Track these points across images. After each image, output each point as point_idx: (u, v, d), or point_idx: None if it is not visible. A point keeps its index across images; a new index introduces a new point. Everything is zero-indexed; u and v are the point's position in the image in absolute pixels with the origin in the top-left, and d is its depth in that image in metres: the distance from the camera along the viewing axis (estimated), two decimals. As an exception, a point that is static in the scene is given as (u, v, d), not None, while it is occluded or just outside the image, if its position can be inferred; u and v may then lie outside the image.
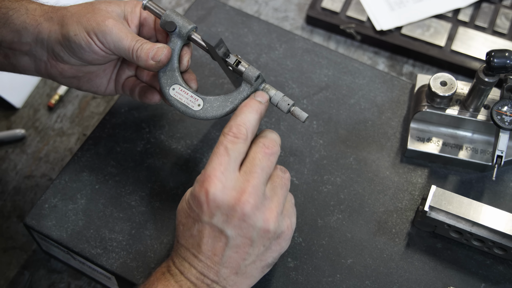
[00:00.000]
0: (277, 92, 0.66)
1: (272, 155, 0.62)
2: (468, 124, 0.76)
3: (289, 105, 0.66)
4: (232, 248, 0.60)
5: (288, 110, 0.66)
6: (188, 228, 0.61)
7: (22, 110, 0.95)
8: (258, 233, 0.60)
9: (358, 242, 0.72)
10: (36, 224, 0.71)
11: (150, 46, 0.66)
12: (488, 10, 1.01)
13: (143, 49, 0.66)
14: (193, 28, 0.68)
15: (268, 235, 0.61)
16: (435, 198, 0.69)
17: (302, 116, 0.66)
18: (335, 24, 1.01)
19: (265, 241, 0.61)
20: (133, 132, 0.78)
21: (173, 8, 1.06)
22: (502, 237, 0.69)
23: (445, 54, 0.97)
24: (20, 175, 0.89)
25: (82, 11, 0.67)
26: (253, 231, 0.60)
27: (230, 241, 0.60)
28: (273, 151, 0.62)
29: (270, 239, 0.61)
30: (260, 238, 0.61)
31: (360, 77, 0.84)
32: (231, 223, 0.59)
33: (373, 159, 0.78)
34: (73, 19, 0.67)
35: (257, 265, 0.62)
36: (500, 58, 0.67)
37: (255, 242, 0.61)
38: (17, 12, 0.69)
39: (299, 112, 0.66)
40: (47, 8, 0.69)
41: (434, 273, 0.70)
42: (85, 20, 0.66)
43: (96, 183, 0.74)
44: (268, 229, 0.60)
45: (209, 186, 0.59)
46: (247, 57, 0.85)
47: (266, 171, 0.61)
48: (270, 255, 0.63)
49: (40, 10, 0.69)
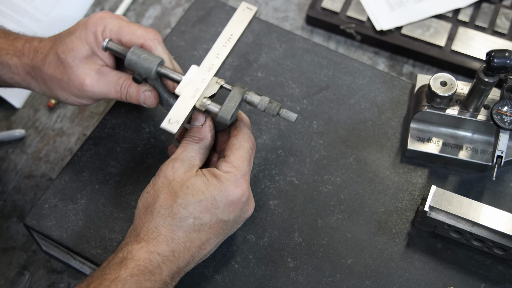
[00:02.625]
0: (263, 98, 0.66)
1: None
2: (468, 124, 0.76)
3: (277, 109, 0.66)
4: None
5: (277, 113, 0.66)
6: (201, 222, 0.63)
7: (22, 110, 0.95)
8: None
9: (358, 242, 0.72)
10: (36, 224, 0.71)
11: (136, 92, 0.70)
12: (488, 10, 1.01)
13: (131, 96, 0.70)
14: (156, 67, 0.67)
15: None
16: (435, 198, 0.69)
17: (291, 117, 0.66)
18: (335, 24, 1.01)
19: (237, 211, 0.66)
20: (133, 132, 0.78)
21: (173, 8, 1.06)
22: (502, 237, 0.69)
23: (445, 54, 0.97)
24: (20, 175, 0.89)
25: (56, 75, 0.70)
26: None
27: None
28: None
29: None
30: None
31: (360, 77, 0.84)
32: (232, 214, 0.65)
33: (373, 159, 0.78)
34: (55, 84, 0.70)
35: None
36: (500, 58, 0.67)
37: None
38: (2, 70, 0.72)
39: (288, 113, 0.66)
40: (26, 66, 0.72)
41: (434, 273, 0.70)
42: (65, 86, 0.70)
43: (96, 183, 0.74)
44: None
45: (247, 189, 0.65)
46: (247, 57, 0.85)
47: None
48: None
49: (21, 68, 0.72)
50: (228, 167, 0.64)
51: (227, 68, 0.83)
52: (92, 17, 0.69)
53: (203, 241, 0.63)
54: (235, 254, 0.70)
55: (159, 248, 0.61)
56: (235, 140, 0.66)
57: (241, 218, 0.66)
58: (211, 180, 0.63)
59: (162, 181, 0.64)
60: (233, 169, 0.64)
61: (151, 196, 0.64)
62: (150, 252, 0.60)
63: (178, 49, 0.85)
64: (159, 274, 0.60)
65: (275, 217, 0.73)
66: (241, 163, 0.64)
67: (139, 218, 0.64)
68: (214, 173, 0.64)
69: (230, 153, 0.65)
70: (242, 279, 0.69)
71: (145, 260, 0.60)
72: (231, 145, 0.66)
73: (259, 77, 0.83)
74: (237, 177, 0.63)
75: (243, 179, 0.64)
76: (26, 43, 0.72)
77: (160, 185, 0.64)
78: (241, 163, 0.64)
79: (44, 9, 1.01)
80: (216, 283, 0.69)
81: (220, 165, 0.64)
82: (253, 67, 0.84)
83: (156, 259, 0.60)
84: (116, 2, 1.06)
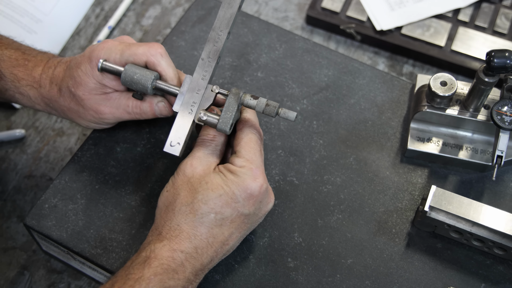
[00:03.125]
0: (259, 100, 0.67)
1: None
2: (468, 124, 0.76)
3: (276, 108, 0.66)
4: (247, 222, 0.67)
5: (276, 113, 0.67)
6: (222, 217, 0.64)
7: (22, 110, 0.95)
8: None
9: (358, 242, 0.72)
10: (36, 224, 0.71)
11: (150, 107, 0.72)
12: (488, 10, 1.01)
13: (146, 112, 0.72)
14: (151, 84, 0.68)
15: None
16: (435, 198, 0.69)
17: (291, 116, 0.66)
18: (335, 24, 1.01)
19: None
20: (133, 132, 0.78)
21: (173, 8, 1.06)
22: (502, 237, 0.69)
23: (445, 54, 0.97)
24: (20, 175, 0.89)
25: (72, 106, 0.72)
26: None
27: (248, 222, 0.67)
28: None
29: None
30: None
31: (360, 77, 0.84)
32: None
33: (373, 159, 0.78)
34: (73, 114, 0.73)
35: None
36: (500, 58, 0.67)
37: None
38: (23, 99, 0.75)
39: (287, 112, 0.67)
40: (44, 98, 0.74)
41: (434, 273, 0.70)
42: (83, 115, 0.73)
43: (96, 183, 0.74)
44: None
45: (264, 181, 0.65)
46: (247, 57, 0.85)
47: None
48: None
49: (40, 99, 0.74)
50: (241, 161, 0.65)
51: (227, 68, 0.83)
52: (95, 50, 0.70)
53: (226, 236, 0.64)
54: (235, 254, 0.70)
55: (182, 245, 0.62)
56: (242, 133, 0.67)
57: (262, 211, 0.67)
58: (228, 176, 0.64)
59: (182, 178, 0.65)
60: (247, 163, 0.65)
61: (171, 194, 0.65)
62: (173, 250, 0.61)
63: (178, 49, 0.85)
64: (183, 272, 0.61)
65: (275, 217, 0.73)
66: (253, 155, 0.66)
67: (160, 217, 0.65)
68: (229, 168, 0.65)
69: (240, 148, 0.66)
70: (242, 279, 0.69)
71: (168, 258, 0.61)
72: (239, 139, 0.67)
73: (259, 77, 0.83)
74: (253, 170, 0.64)
75: (259, 171, 0.65)
76: (43, 74, 0.73)
77: (179, 183, 0.65)
78: (253, 155, 0.66)
79: (44, 9, 1.01)
80: (216, 283, 0.69)
81: (233, 161, 0.65)
82: (253, 67, 0.84)
83: (179, 257, 0.61)
84: (116, 2, 1.06)
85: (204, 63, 0.67)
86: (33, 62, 0.74)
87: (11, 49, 0.74)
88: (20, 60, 0.74)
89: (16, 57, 0.74)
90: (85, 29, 1.03)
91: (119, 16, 1.04)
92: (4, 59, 0.74)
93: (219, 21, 0.68)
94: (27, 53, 0.75)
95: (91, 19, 1.04)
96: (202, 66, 0.67)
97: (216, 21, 0.68)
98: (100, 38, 1.01)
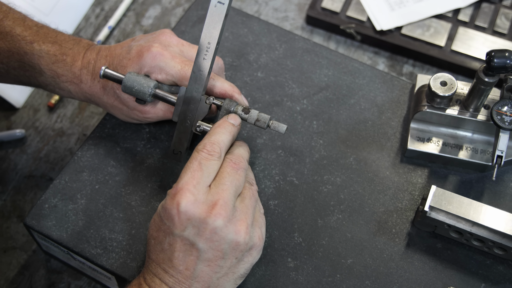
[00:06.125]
0: (251, 112, 0.68)
1: (240, 169, 0.64)
2: (468, 124, 0.76)
3: (267, 121, 0.68)
4: (204, 262, 0.60)
5: (267, 125, 0.68)
6: (159, 242, 0.62)
7: (22, 110, 0.95)
8: (229, 245, 0.61)
9: (358, 242, 0.72)
10: (36, 224, 0.71)
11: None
12: (488, 10, 1.01)
13: None
14: (150, 92, 0.69)
15: (240, 247, 0.61)
16: (435, 198, 0.69)
17: (281, 129, 0.68)
18: (335, 24, 1.01)
19: (237, 253, 0.62)
20: (133, 132, 0.78)
21: (173, 8, 1.06)
22: (502, 237, 0.69)
23: (445, 54, 0.97)
24: (20, 175, 0.89)
25: (117, 104, 0.74)
26: (224, 243, 0.60)
27: (202, 255, 0.60)
28: (240, 166, 0.64)
29: (242, 251, 0.62)
30: (232, 250, 0.61)
31: (360, 77, 0.84)
32: (203, 236, 0.60)
33: (373, 159, 0.78)
34: (116, 111, 0.75)
35: (230, 277, 0.62)
36: (500, 58, 0.67)
37: (227, 255, 0.61)
38: (63, 93, 0.76)
39: (278, 125, 0.68)
40: (85, 93, 0.74)
41: (434, 273, 0.70)
42: (127, 114, 0.74)
43: (96, 183, 0.74)
44: (239, 241, 0.61)
45: (180, 199, 0.59)
46: (247, 57, 0.85)
47: (235, 184, 0.62)
48: (242, 267, 0.63)
49: (81, 94, 0.75)
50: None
51: (227, 68, 0.83)
52: (145, 54, 0.70)
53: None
54: (235, 254, 0.70)
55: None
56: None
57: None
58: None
59: None
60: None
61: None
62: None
63: (178, 49, 0.85)
64: None
65: (275, 217, 0.73)
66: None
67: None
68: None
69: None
70: (242, 279, 0.69)
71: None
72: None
73: (259, 77, 0.83)
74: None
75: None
76: (83, 69, 0.73)
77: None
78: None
79: (44, 9, 1.01)
80: (216, 283, 0.69)
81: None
82: (253, 67, 0.84)
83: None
84: (116, 2, 1.06)
85: (195, 76, 0.68)
86: (71, 57, 0.73)
87: (48, 43, 0.73)
88: (58, 56, 0.73)
89: (54, 52, 0.73)
90: (85, 29, 1.03)
91: (119, 16, 1.04)
92: (43, 56, 0.72)
93: (205, 34, 0.67)
94: (64, 45, 0.73)
95: (91, 19, 1.04)
96: (194, 80, 0.68)
97: (202, 33, 0.67)
98: (100, 38, 1.01)
